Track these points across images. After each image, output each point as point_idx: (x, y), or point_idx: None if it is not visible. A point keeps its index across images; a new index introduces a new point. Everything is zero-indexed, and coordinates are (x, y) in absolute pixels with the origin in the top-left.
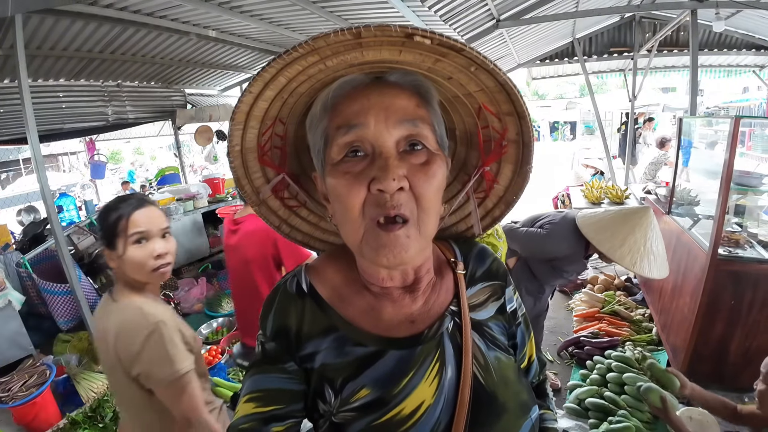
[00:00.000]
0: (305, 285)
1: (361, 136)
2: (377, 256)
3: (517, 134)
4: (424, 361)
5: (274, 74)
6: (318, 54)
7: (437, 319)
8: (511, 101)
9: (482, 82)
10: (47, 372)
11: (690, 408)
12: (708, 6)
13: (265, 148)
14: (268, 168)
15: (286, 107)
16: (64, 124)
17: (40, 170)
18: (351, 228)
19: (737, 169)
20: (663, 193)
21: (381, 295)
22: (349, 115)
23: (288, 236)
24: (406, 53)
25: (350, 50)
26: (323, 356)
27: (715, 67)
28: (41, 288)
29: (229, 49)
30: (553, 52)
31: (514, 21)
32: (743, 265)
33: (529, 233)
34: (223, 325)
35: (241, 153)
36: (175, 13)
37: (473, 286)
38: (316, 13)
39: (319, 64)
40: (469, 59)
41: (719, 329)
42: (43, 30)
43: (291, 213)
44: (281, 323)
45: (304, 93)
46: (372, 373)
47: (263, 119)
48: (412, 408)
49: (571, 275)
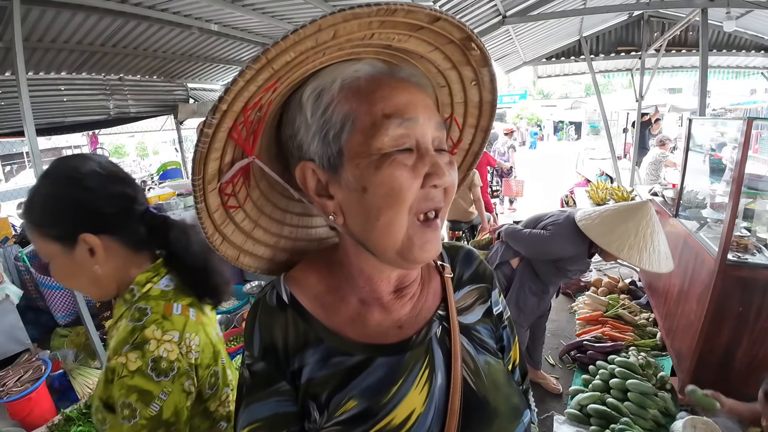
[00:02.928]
0: (286, 296)
1: (413, 130)
2: (422, 253)
3: (470, 144)
4: (413, 367)
5: (292, 44)
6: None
7: (425, 324)
8: (480, 117)
9: (469, 98)
10: (42, 367)
11: (694, 417)
12: (719, 5)
13: (238, 123)
14: (227, 150)
15: (282, 83)
16: (66, 117)
17: (37, 164)
18: (397, 225)
19: (747, 173)
20: (670, 195)
21: (368, 301)
22: (400, 105)
23: (218, 249)
24: (414, 40)
25: (364, 29)
26: (308, 371)
27: (724, 68)
28: (39, 282)
29: (232, 44)
30: (559, 50)
31: (520, 17)
32: (752, 271)
33: (532, 235)
34: (221, 322)
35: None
36: (177, 6)
37: (460, 290)
38: (319, 7)
39: (331, 41)
40: (474, 73)
41: (726, 336)
42: (44, 22)
43: (226, 218)
44: (268, 340)
45: (309, 69)
46: (359, 383)
47: (256, 91)
48: (403, 417)
49: (575, 274)
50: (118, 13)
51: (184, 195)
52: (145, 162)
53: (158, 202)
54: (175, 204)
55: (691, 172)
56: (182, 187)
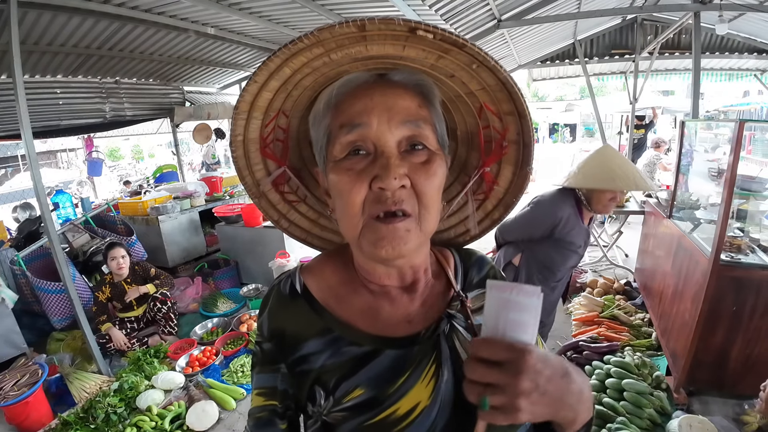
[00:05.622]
0: (299, 286)
1: (364, 136)
2: (375, 249)
3: (518, 134)
4: (420, 361)
5: (279, 64)
6: (323, 46)
7: (435, 320)
8: (512, 100)
9: (483, 80)
10: (39, 371)
11: (690, 416)
12: (711, 8)
13: (267, 140)
14: (269, 160)
15: (290, 100)
16: (61, 120)
17: (33, 167)
18: (350, 223)
19: (740, 174)
20: (664, 196)
21: (379, 295)
22: (353, 114)
23: (286, 231)
24: (410, 49)
25: (354, 44)
26: (318, 359)
27: (717, 71)
28: (35, 286)
29: (228, 47)
30: (554, 53)
31: (515, 21)
32: (745, 271)
33: (518, 215)
34: (218, 325)
35: (244, 144)
36: (174, 9)
37: (471, 292)
38: (315, 10)
39: (323, 56)
40: (470, 56)
41: (720, 336)
42: (40, 25)
43: (290, 208)
44: (275, 325)
45: (308, 86)
46: (367, 373)
47: (267, 110)
48: (407, 408)
49: (578, 247)
50: (114, 17)
51: (180, 198)
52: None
53: (154, 206)
54: (171, 207)
55: (685, 174)
56: (178, 191)
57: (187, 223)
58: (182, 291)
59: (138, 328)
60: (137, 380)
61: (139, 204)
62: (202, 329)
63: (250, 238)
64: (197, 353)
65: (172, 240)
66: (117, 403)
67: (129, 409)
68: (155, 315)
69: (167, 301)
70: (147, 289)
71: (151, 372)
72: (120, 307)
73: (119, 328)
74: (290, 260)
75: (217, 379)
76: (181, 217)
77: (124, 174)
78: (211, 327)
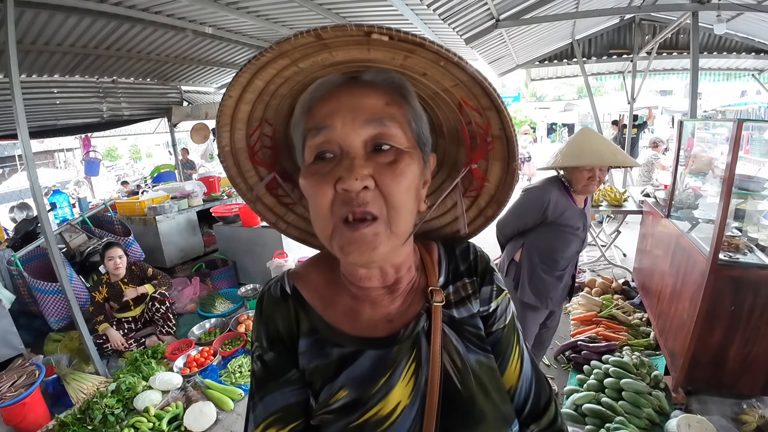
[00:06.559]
0: (288, 288)
1: (330, 138)
2: (344, 254)
3: (500, 129)
4: (400, 361)
5: (249, 78)
6: (287, 57)
7: (413, 318)
8: (488, 95)
9: (456, 77)
10: (36, 372)
11: (688, 416)
12: (709, 8)
13: (255, 148)
14: (260, 167)
15: (271, 109)
16: (58, 120)
17: (30, 167)
18: (321, 225)
19: (738, 173)
20: (662, 196)
21: (360, 296)
22: (320, 117)
23: (285, 233)
24: (375, 51)
25: (318, 51)
26: (304, 359)
27: (714, 71)
28: (32, 286)
29: (226, 46)
30: (552, 53)
31: (513, 21)
32: (743, 271)
33: (509, 207)
34: (216, 325)
35: (232, 153)
36: (171, 8)
37: (456, 282)
38: (313, 10)
39: (291, 66)
40: (435, 53)
41: (718, 335)
42: (37, 25)
43: (287, 210)
44: (273, 329)
45: (286, 95)
46: (349, 374)
47: (248, 121)
48: (390, 408)
49: (576, 229)
50: (111, 16)
51: (177, 198)
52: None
53: (152, 206)
54: (168, 207)
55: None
56: (176, 190)
57: (184, 223)
58: (180, 291)
59: (135, 328)
60: (135, 381)
61: (136, 204)
62: (199, 330)
63: (248, 238)
64: (195, 354)
65: (169, 240)
66: (114, 404)
67: (126, 410)
68: (153, 315)
69: (166, 301)
70: (145, 290)
71: (148, 373)
72: (117, 307)
73: (116, 328)
74: (288, 260)
75: (214, 379)
76: (178, 217)
77: (121, 174)
78: (209, 327)
